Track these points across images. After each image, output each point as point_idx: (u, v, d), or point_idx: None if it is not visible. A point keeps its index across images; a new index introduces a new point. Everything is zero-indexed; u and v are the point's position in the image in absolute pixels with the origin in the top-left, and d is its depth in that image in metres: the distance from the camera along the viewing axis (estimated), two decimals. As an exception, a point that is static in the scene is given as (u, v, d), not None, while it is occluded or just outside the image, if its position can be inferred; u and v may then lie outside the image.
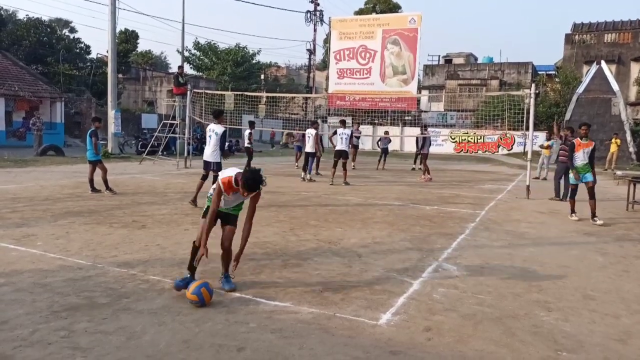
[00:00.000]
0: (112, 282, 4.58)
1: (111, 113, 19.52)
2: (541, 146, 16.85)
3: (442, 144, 33.36)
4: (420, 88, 41.92)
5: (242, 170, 4.22)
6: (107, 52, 22.71)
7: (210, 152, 8.92)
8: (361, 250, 6.09)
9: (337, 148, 13.50)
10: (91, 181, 10.11)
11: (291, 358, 3.24)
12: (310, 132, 14.28)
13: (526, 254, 6.25)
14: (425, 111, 40.31)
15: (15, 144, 24.50)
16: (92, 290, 4.32)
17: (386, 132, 22.24)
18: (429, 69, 45.91)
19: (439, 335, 3.68)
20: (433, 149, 20.07)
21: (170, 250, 5.81)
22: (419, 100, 38.78)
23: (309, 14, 41.20)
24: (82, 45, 39.36)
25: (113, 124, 19.41)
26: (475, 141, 34.11)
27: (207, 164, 8.99)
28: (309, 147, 14.16)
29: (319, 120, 26.47)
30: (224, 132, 8.96)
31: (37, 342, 3.31)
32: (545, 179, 16.04)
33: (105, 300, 4.11)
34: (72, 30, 44.15)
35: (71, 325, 3.59)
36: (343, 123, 14.13)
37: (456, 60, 46.96)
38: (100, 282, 4.56)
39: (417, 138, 16.99)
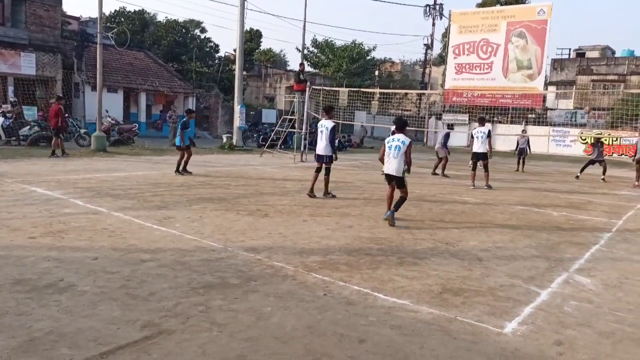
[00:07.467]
0: (241, 264, 4.94)
1: (237, 108, 20.87)
2: None
3: (571, 144, 30.59)
4: (547, 84, 38.93)
5: None
6: (234, 51, 24.27)
7: (323, 146, 9.28)
8: (481, 254, 5.86)
9: (473, 150, 12.32)
10: (178, 164, 11.55)
11: (412, 356, 3.24)
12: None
13: (676, 272, 5.54)
14: (551, 109, 37.33)
15: (154, 134, 27.29)
16: (224, 271, 4.70)
17: (523, 131, 20.84)
18: (557, 64, 42.31)
19: (571, 351, 3.42)
20: (560, 150, 18.50)
21: (291, 239, 6.09)
22: (544, 97, 35.97)
23: (428, 8, 40.06)
24: (212, 44, 42.55)
25: (238, 118, 20.74)
26: (610, 143, 30.84)
27: (320, 157, 9.37)
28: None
29: (434, 118, 25.77)
30: (334, 127, 9.33)
31: (180, 314, 3.69)
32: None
33: (236, 281, 4.44)
34: (203, 30, 47.57)
35: (208, 302, 3.94)
36: (481, 121, 12.73)
37: (590, 54, 42.62)
38: (231, 264, 4.94)
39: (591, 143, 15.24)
